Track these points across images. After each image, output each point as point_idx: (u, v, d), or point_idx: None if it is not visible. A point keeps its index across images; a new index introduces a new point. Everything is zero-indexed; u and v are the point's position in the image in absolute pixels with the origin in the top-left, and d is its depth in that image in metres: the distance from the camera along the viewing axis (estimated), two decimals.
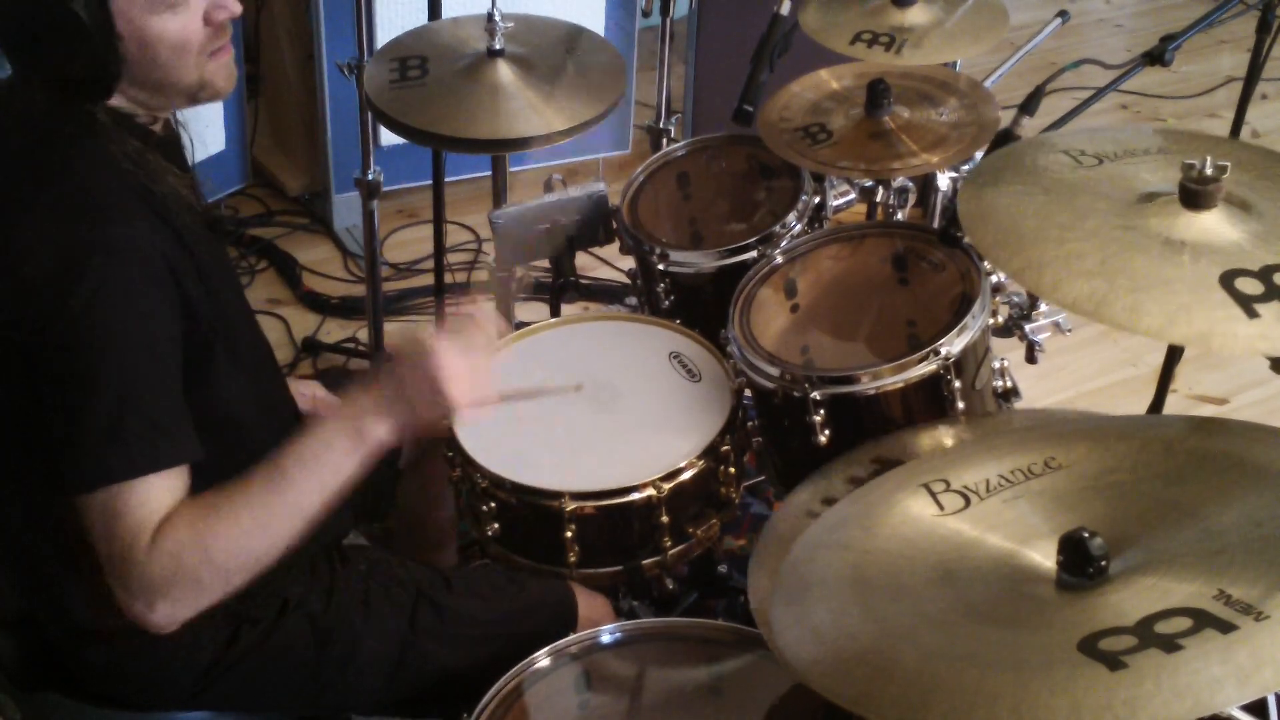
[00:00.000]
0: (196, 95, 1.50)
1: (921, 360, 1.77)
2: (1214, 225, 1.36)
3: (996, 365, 1.90)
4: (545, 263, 2.32)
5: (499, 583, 1.76)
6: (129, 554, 1.36)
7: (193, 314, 1.44)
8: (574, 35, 2.40)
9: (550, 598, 1.74)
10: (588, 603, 1.76)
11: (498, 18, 2.25)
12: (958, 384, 1.79)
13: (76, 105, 1.43)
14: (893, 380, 1.78)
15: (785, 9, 2.18)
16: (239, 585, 1.42)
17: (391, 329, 2.98)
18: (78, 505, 1.37)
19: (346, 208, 3.48)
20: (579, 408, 1.92)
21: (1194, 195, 1.36)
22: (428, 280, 3.25)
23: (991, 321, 1.87)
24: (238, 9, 1.48)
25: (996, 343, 1.93)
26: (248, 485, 1.42)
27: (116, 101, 1.46)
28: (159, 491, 1.38)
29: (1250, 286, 1.28)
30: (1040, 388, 3.00)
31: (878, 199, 2.27)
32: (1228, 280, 1.28)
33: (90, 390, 1.35)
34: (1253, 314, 1.25)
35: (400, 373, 1.48)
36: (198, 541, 1.38)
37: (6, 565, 1.57)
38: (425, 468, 2.05)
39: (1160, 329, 1.26)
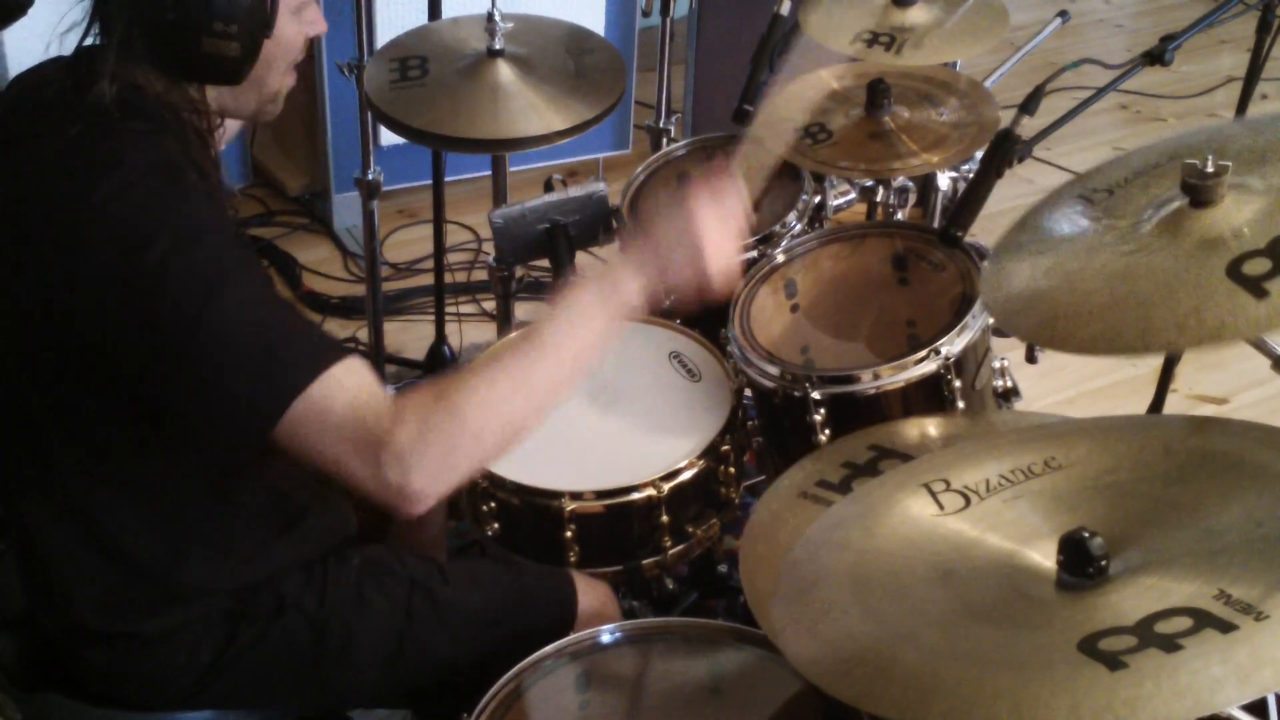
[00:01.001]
0: (266, 106, 1.52)
1: (922, 360, 1.77)
2: (1220, 216, 1.35)
3: (996, 365, 1.90)
4: (545, 262, 2.32)
5: (496, 573, 1.75)
6: (370, 430, 1.33)
7: None
8: (574, 35, 2.40)
9: (549, 585, 1.73)
10: (588, 589, 1.75)
11: (498, 18, 2.25)
12: (958, 384, 1.79)
13: (163, 90, 1.41)
14: (893, 380, 1.78)
15: (785, 9, 2.18)
16: (494, 453, 1.40)
17: (392, 327, 2.98)
18: (284, 436, 1.34)
19: (346, 208, 3.48)
20: (579, 408, 1.92)
21: (1199, 193, 1.36)
22: (428, 280, 3.25)
23: (991, 321, 1.87)
24: (325, 28, 1.52)
25: (996, 343, 1.93)
26: (502, 352, 1.42)
27: (197, 93, 1.46)
28: (351, 373, 1.36)
29: (1258, 266, 1.26)
30: (1040, 388, 3.00)
31: (878, 199, 2.27)
32: (1234, 268, 1.27)
33: (236, 349, 1.32)
34: (1261, 294, 1.24)
35: (657, 232, 1.47)
36: (444, 403, 1.36)
37: (17, 564, 1.57)
38: None
39: (1175, 341, 1.26)
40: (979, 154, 2.04)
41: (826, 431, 1.80)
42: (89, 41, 1.44)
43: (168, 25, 1.37)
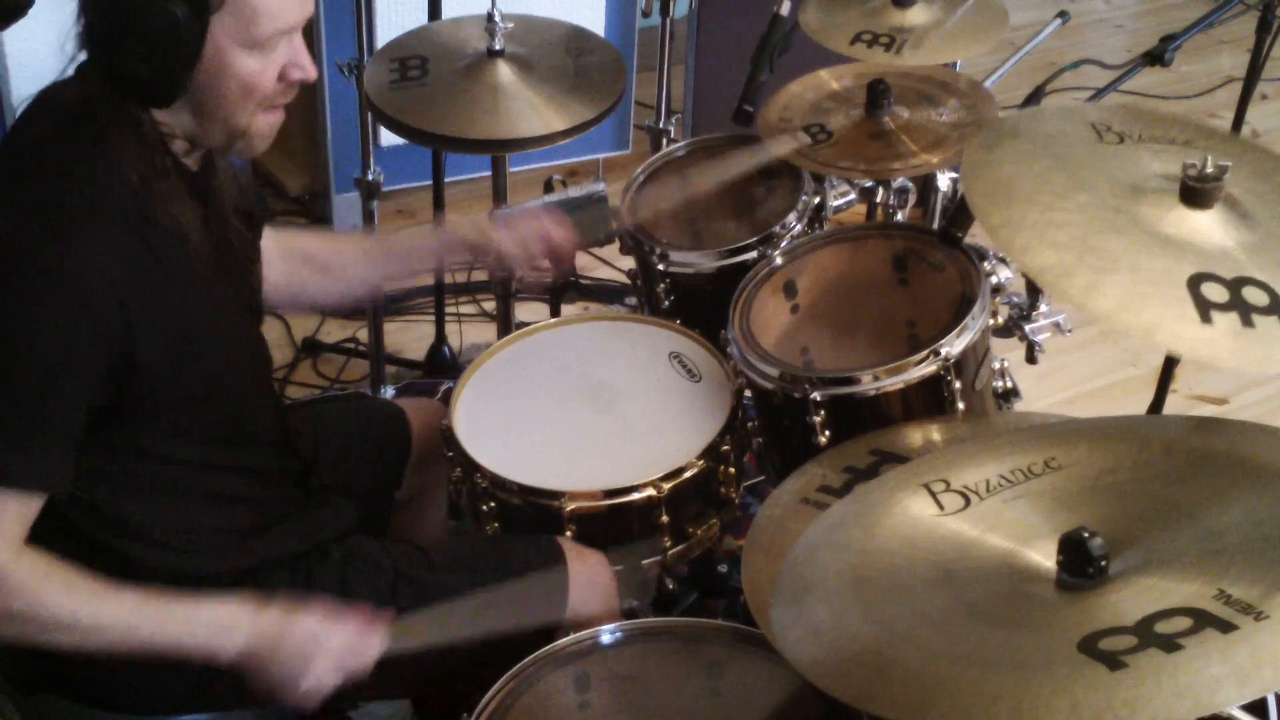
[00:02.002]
0: (234, 143, 1.50)
1: (922, 361, 1.77)
2: (1206, 226, 1.35)
3: (996, 365, 1.90)
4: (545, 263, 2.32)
5: (482, 550, 1.75)
6: None
7: (133, 348, 1.42)
8: (574, 35, 2.40)
9: (535, 554, 1.72)
10: (579, 555, 1.74)
11: (498, 18, 2.25)
12: (958, 384, 1.78)
13: (123, 108, 1.42)
14: (893, 381, 1.78)
15: (785, 9, 2.18)
16: (20, 644, 1.44)
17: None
18: None
19: (346, 208, 3.48)
20: (579, 408, 1.92)
21: (1192, 192, 1.36)
22: (428, 280, 3.25)
23: (991, 322, 1.87)
24: (313, 74, 1.50)
25: (996, 343, 1.93)
26: (113, 593, 1.44)
27: (162, 117, 1.45)
28: (13, 509, 1.38)
29: (1215, 293, 1.27)
30: (1040, 388, 3.00)
31: (878, 199, 2.27)
32: (1195, 282, 1.28)
33: None
34: (1206, 319, 1.25)
35: (291, 634, 1.49)
36: (35, 597, 1.40)
37: None
38: (422, 497, 2.06)
39: (1110, 313, 1.26)
40: None
41: (826, 432, 1.80)
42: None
43: (101, 39, 1.39)
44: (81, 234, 1.38)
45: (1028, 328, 1.98)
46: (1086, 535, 1.14)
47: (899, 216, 2.26)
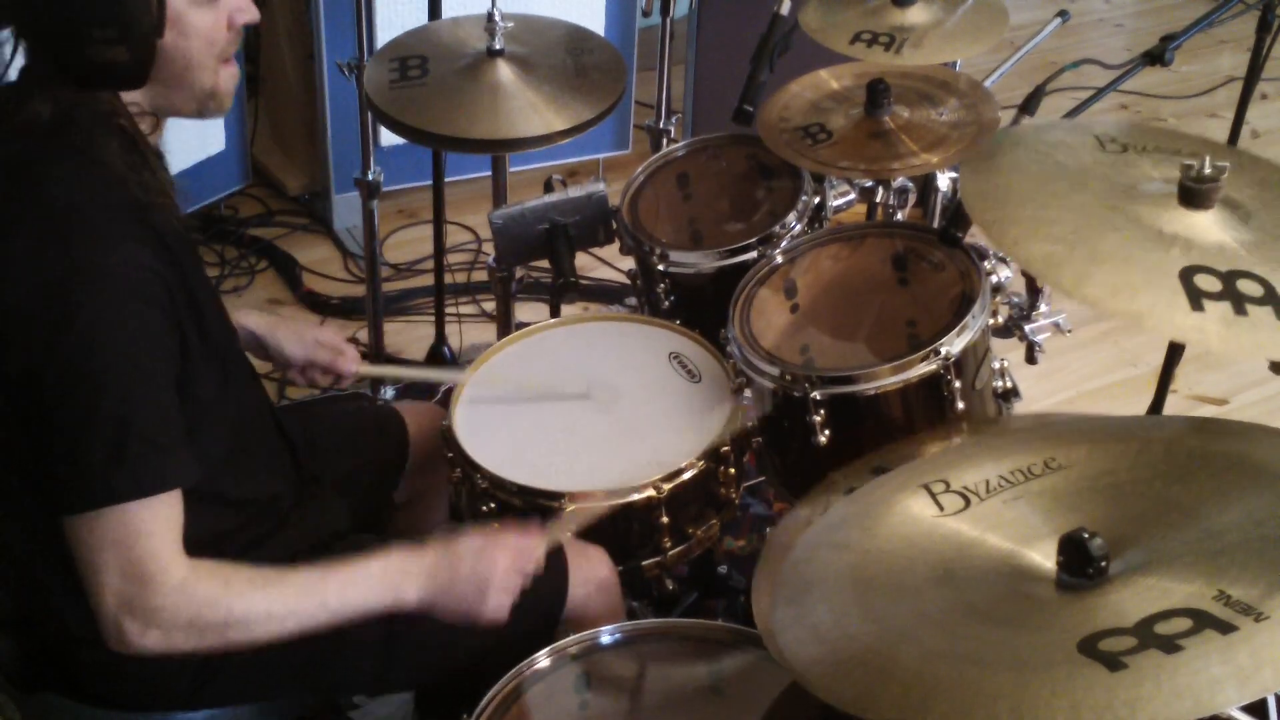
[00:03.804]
0: (206, 104, 1.50)
1: (922, 360, 1.77)
2: (1204, 226, 1.36)
3: (996, 365, 1.90)
4: (545, 263, 2.32)
5: None
6: (151, 578, 1.38)
7: (180, 328, 1.43)
8: (574, 35, 2.40)
9: None
10: (581, 553, 1.74)
11: (498, 18, 2.25)
12: (958, 384, 1.78)
13: (98, 101, 1.41)
14: (893, 380, 1.78)
15: (785, 9, 2.18)
16: (219, 649, 1.45)
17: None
18: (81, 525, 1.37)
19: (346, 208, 3.48)
20: (579, 408, 1.92)
21: (1191, 193, 1.36)
22: (428, 280, 3.25)
23: (991, 321, 1.87)
24: (257, 16, 1.50)
25: (996, 343, 1.93)
26: (290, 576, 1.49)
27: (131, 98, 1.44)
28: (169, 512, 1.40)
29: (1208, 284, 1.29)
30: (1040, 388, 3.00)
31: (878, 199, 2.27)
32: (1188, 274, 1.29)
33: (90, 420, 1.35)
34: (1197, 306, 1.26)
35: (459, 561, 1.55)
36: (226, 601, 1.43)
37: (4, 571, 1.57)
38: (422, 499, 2.06)
39: (1100, 299, 1.28)
40: None
41: (826, 432, 1.80)
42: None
43: (55, 39, 1.37)
44: (110, 235, 1.38)
45: (1028, 328, 1.98)
46: (1086, 535, 1.14)
47: (899, 216, 2.26)
